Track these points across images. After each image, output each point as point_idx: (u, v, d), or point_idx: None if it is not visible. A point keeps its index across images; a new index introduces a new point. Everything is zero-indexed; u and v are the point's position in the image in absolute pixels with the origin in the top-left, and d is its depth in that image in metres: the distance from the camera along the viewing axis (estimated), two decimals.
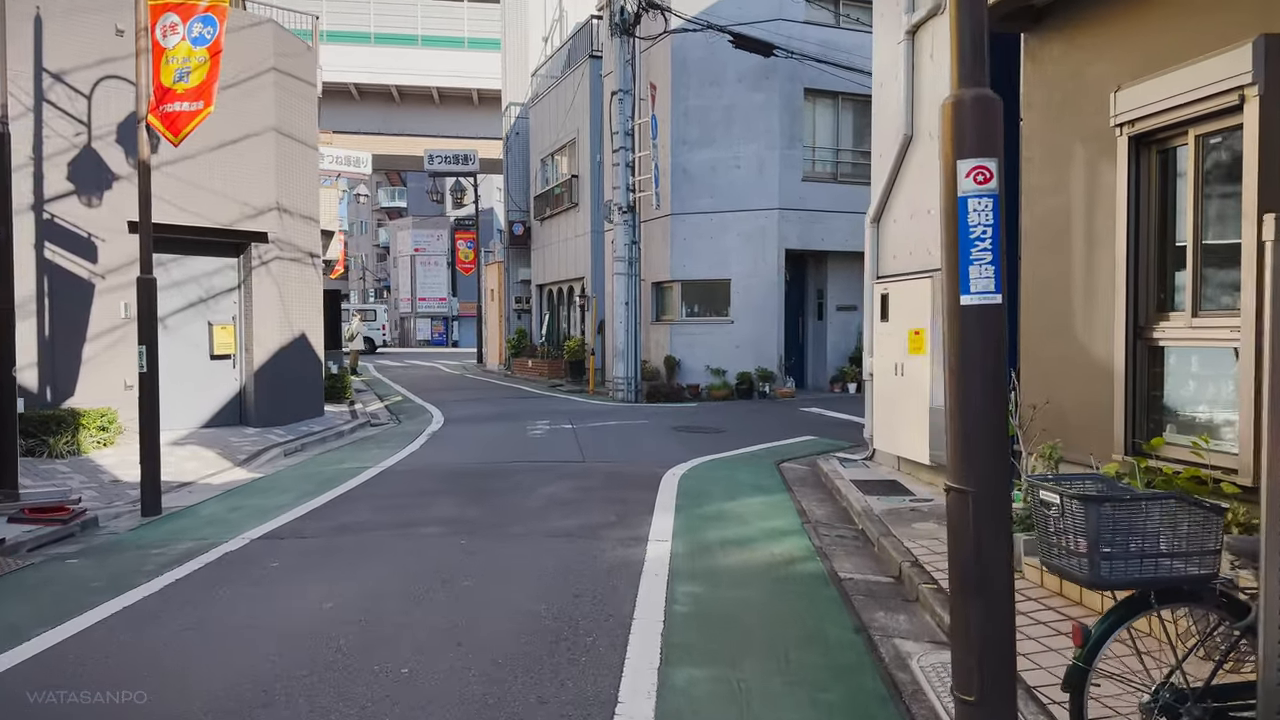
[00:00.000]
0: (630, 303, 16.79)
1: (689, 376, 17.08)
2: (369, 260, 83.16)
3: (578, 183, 21.81)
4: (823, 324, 17.96)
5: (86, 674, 4.08)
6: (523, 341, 25.44)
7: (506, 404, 16.64)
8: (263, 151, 12.31)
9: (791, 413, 14.37)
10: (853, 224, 16.91)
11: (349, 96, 41.67)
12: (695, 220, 17.05)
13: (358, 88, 41.04)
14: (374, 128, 43.21)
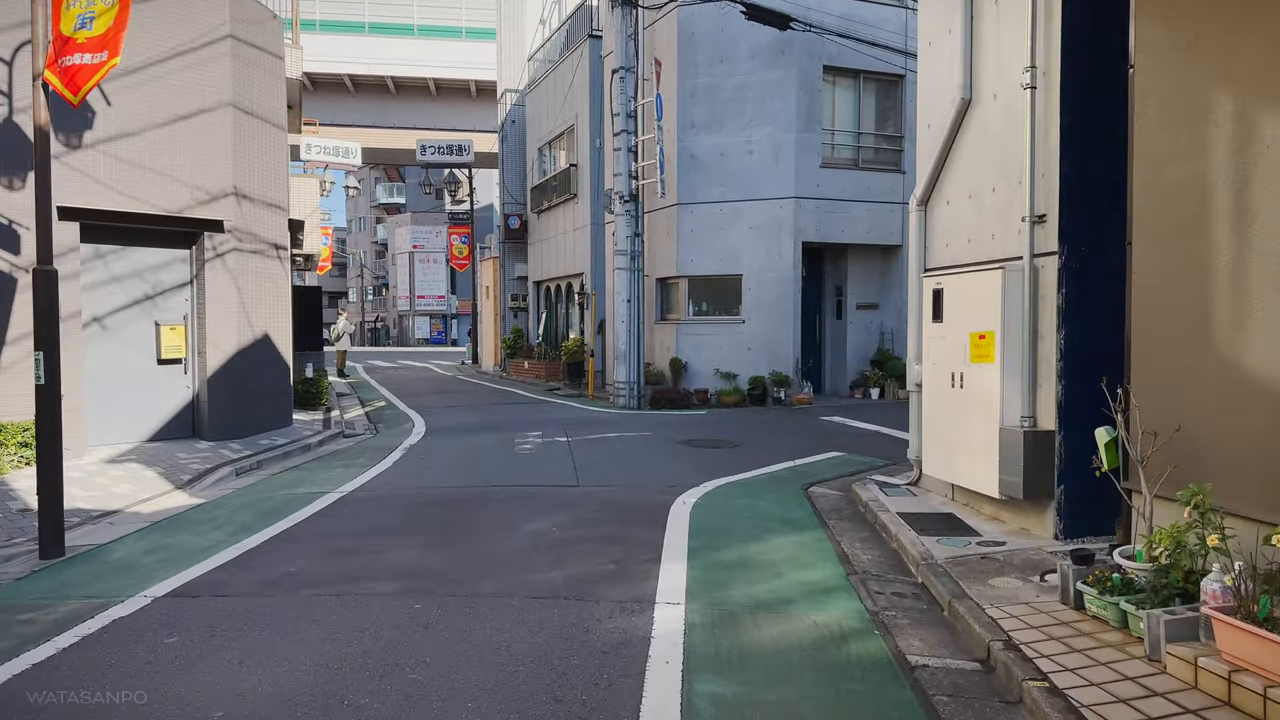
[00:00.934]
0: (632, 300, 15.38)
1: (697, 380, 15.66)
2: (367, 258, 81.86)
3: (576, 172, 20.39)
4: (842, 324, 16.53)
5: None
6: (519, 342, 24.03)
7: (497, 411, 15.23)
8: (218, 129, 10.90)
9: (811, 422, 12.94)
10: (876, 214, 15.51)
11: (343, 88, 40.35)
12: (703, 210, 15.62)
13: (352, 79, 39.72)
14: (369, 120, 41.88)
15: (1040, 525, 6.39)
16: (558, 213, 21.91)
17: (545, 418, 13.93)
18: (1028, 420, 6.36)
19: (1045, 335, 6.32)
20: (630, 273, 15.37)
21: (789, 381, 15.13)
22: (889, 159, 16.20)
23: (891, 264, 16.45)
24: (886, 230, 16.00)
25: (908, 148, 16.15)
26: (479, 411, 15.11)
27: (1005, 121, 6.76)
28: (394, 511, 7.43)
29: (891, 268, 16.46)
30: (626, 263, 15.35)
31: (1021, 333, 6.42)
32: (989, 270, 6.62)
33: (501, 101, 25.30)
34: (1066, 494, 6.20)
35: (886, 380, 15.79)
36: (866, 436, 11.53)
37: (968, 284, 6.89)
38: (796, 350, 15.35)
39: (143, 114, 10.27)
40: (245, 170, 11.31)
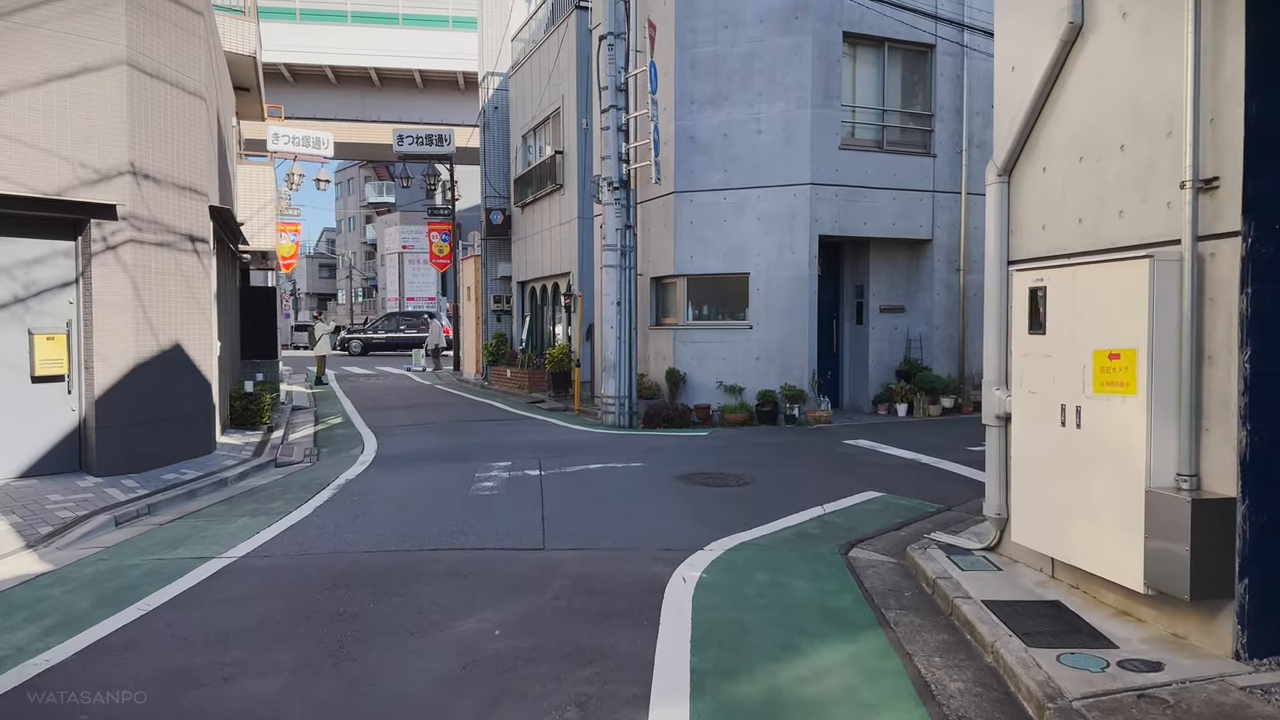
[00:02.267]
0: (623, 303, 13.32)
1: (697, 395, 13.61)
2: (357, 259, 79.79)
3: (562, 160, 18.34)
4: (863, 329, 14.48)
5: None
6: (501, 348, 21.96)
7: (465, 432, 13.16)
8: (108, 92, 8.84)
9: (834, 447, 10.89)
10: (903, 203, 13.49)
11: (324, 80, 38.38)
12: (705, 199, 13.57)
13: (334, 70, 37.76)
14: (352, 114, 39.90)
15: (1206, 635, 4.34)
16: (542, 206, 19.86)
17: (520, 441, 11.86)
18: (1189, 480, 4.32)
19: (1217, 356, 4.28)
20: (621, 271, 13.31)
21: (804, 396, 13.07)
22: (917, 140, 14.16)
23: (920, 261, 14.41)
24: (914, 222, 13.96)
25: (938, 128, 14.11)
26: (445, 432, 13.04)
27: (1140, 49, 4.72)
28: (281, 597, 5.36)
29: (920, 265, 14.41)
30: (616, 259, 13.29)
31: (1179, 352, 4.38)
32: (1128, 261, 4.56)
33: (483, 86, 23.26)
34: (1253, 593, 4.17)
35: (916, 395, 13.74)
36: (905, 468, 9.48)
37: (1090, 281, 4.84)
38: (812, 360, 13.29)
39: (7, 70, 8.22)
40: (148, 145, 9.25)
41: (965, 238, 14.23)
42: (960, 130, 14.15)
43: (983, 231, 14.23)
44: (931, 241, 14.17)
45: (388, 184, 74.27)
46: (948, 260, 14.30)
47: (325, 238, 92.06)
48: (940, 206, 14.13)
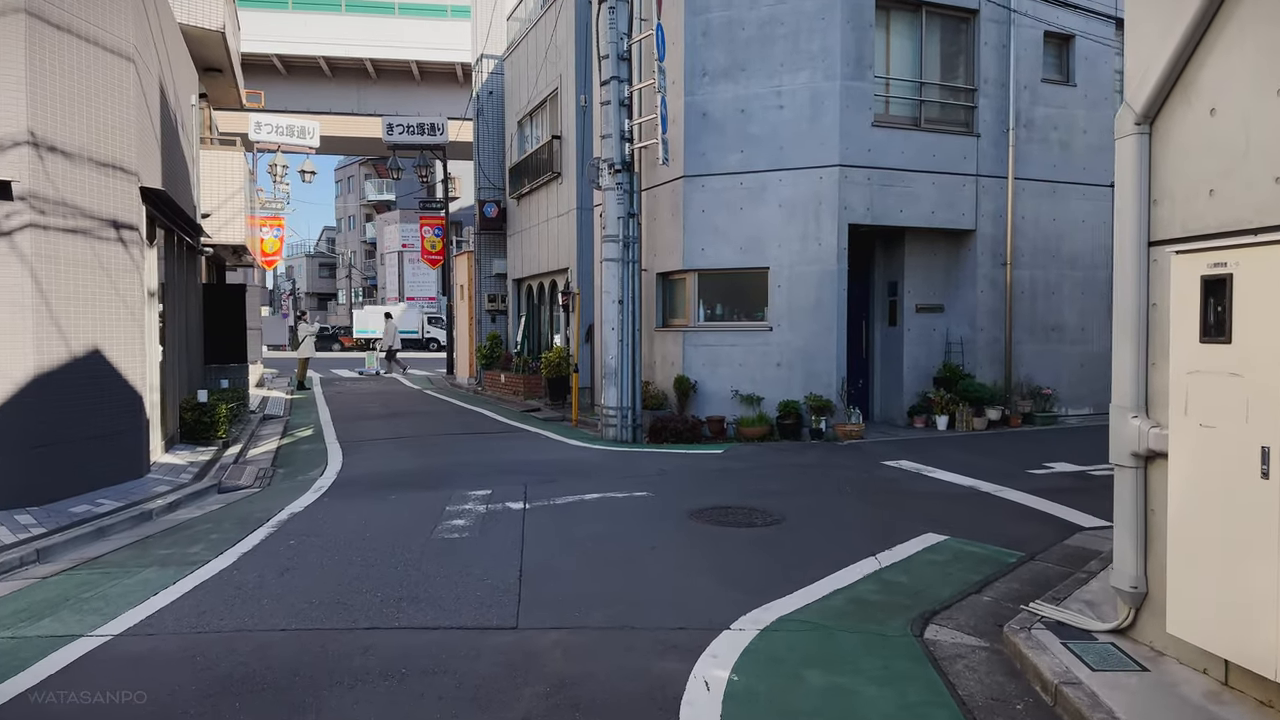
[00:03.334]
0: (625, 301, 11.74)
1: (710, 405, 12.03)
2: (357, 258, 78.38)
3: (560, 146, 16.77)
4: (897, 331, 12.88)
5: None
6: (496, 351, 20.39)
7: (446, 448, 11.59)
8: (0, 45, 7.30)
9: (873, 470, 9.30)
10: (943, 189, 11.92)
11: (318, 72, 36.97)
12: (719, 184, 11.99)
13: (328, 62, 36.35)
14: (347, 107, 38.51)
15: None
16: (539, 197, 18.29)
17: (507, 460, 10.28)
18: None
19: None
20: (623, 265, 11.73)
21: (831, 408, 11.48)
22: (959, 118, 12.56)
23: (961, 254, 12.81)
24: (956, 210, 12.35)
25: (982, 104, 12.51)
26: (423, 449, 11.46)
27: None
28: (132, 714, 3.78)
29: (961, 259, 12.81)
30: (618, 252, 11.71)
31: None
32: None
33: (477, 69, 21.69)
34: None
35: (958, 405, 12.13)
36: (962, 499, 7.89)
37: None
38: (841, 367, 11.69)
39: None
40: (55, 111, 7.70)
41: (1012, 228, 12.62)
42: (1006, 106, 12.55)
43: (1034, 222, 12.63)
44: (975, 232, 12.56)
45: (388, 181, 72.80)
46: (992, 253, 12.69)
47: (326, 236, 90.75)
48: (985, 192, 12.53)
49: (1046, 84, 12.94)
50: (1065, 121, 13.08)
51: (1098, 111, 13.31)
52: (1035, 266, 12.98)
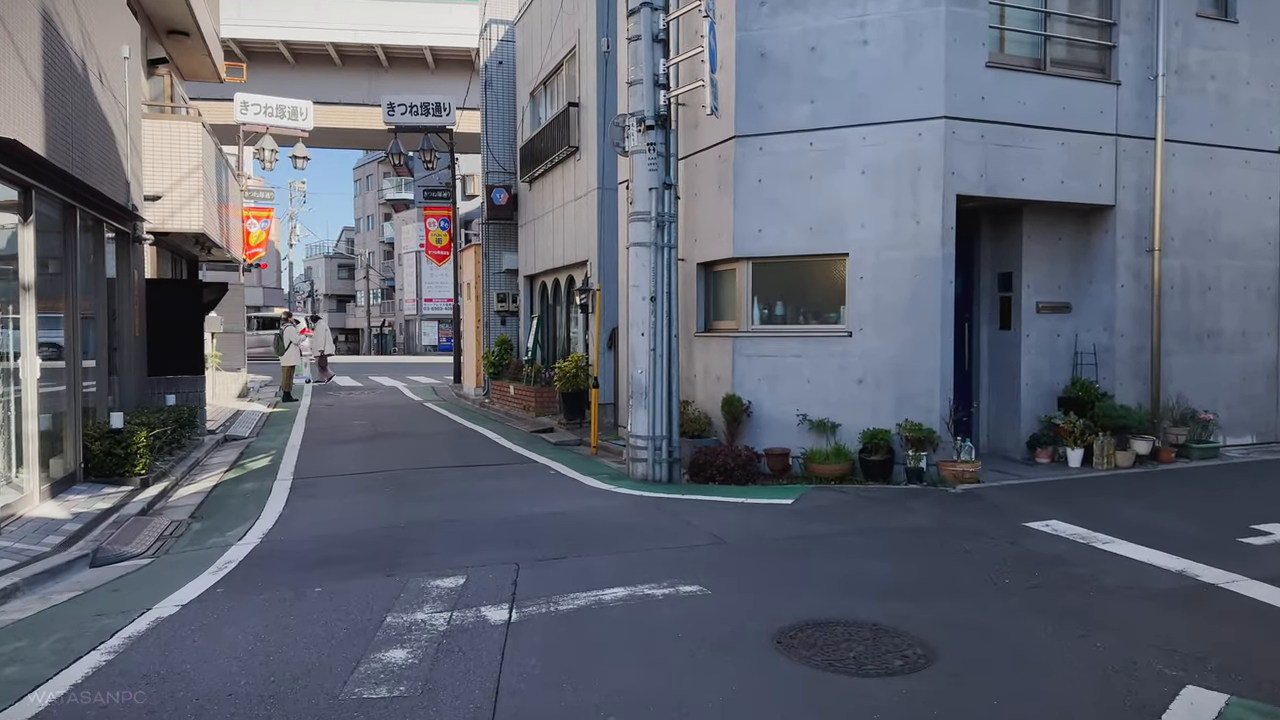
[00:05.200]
0: (659, 298, 8.97)
1: (768, 433, 9.24)
2: (375, 258, 76.21)
3: (578, 115, 14.05)
4: (1010, 337, 10.01)
5: None
6: (505, 358, 17.69)
7: (426, 491, 8.87)
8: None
9: (1018, 538, 6.47)
10: (1074, 151, 9.15)
11: (327, 60, 34.63)
12: (782, 145, 9.20)
13: (338, 49, 33.99)
14: (358, 97, 36.07)
15: None
16: (554, 178, 15.57)
17: (501, 515, 7.53)
18: None
19: None
20: (655, 251, 8.97)
21: (934, 440, 8.64)
22: (1091, 60, 9.70)
23: (1093, 237, 9.93)
24: (1091, 179, 9.49)
25: (1123, 41, 9.63)
26: (397, 492, 8.74)
27: None
28: None
29: (1093, 244, 9.93)
30: (649, 234, 8.95)
31: None
32: None
33: (485, 37, 19.01)
34: None
35: (1096, 434, 9.25)
36: (1188, 600, 5.05)
37: None
38: (947, 385, 8.85)
39: None
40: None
41: (1160, 204, 9.72)
42: (1154, 46, 9.66)
43: (1186, 196, 9.75)
44: (1114, 209, 9.67)
45: (406, 180, 70.48)
46: (1135, 236, 9.79)
47: (345, 237, 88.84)
48: (1126, 157, 9.64)
49: (1202, 20, 10.03)
50: (1225, 68, 10.16)
51: (1262, 56, 10.38)
52: (1186, 254, 10.06)
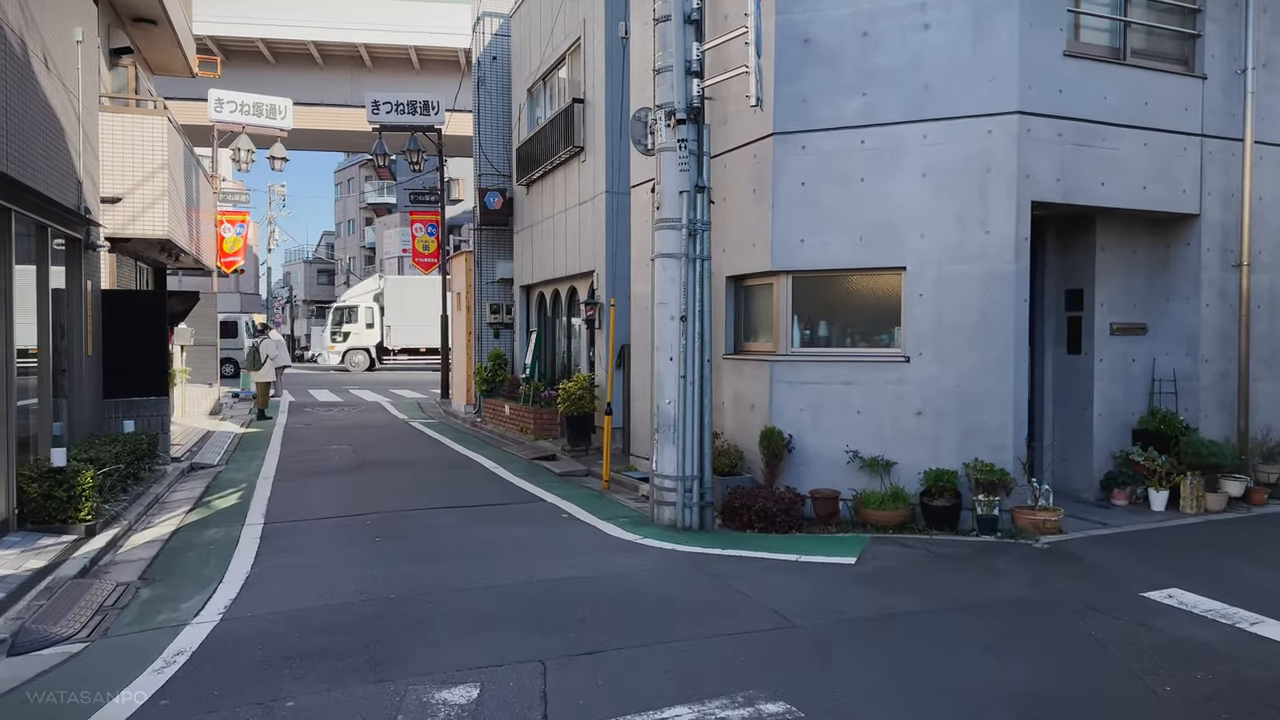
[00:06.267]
0: (691, 317, 7.80)
1: (812, 471, 8.08)
2: (356, 264, 74.58)
3: (583, 112, 12.87)
4: (1082, 362, 8.90)
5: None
6: (499, 374, 16.46)
7: (418, 543, 7.64)
8: None
9: (1147, 618, 5.33)
10: (1157, 154, 8.05)
11: (308, 60, 33.32)
12: (828, 144, 8.05)
13: (319, 48, 32.68)
14: (340, 98, 34.79)
15: None
16: (555, 181, 14.38)
17: (511, 581, 6.30)
18: None
19: None
20: (685, 263, 7.79)
21: (1008, 483, 7.49)
22: (1173, 50, 8.62)
23: (1173, 250, 8.85)
24: (1174, 184, 8.41)
25: (1209, 30, 8.56)
26: (384, 545, 7.49)
27: None
28: None
29: (1174, 257, 8.85)
30: (678, 244, 7.78)
31: None
32: None
33: (478, 30, 17.79)
34: None
35: (1183, 474, 8.14)
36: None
37: None
38: (1021, 419, 7.72)
39: None
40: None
41: (1249, 213, 8.64)
42: (1242, 35, 8.60)
43: (1274, 205, 8.70)
44: (1199, 218, 8.59)
45: (389, 184, 68.94)
46: (1221, 249, 8.72)
47: (325, 241, 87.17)
48: (1211, 160, 8.57)
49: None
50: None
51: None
52: (1276, 269, 9.00)
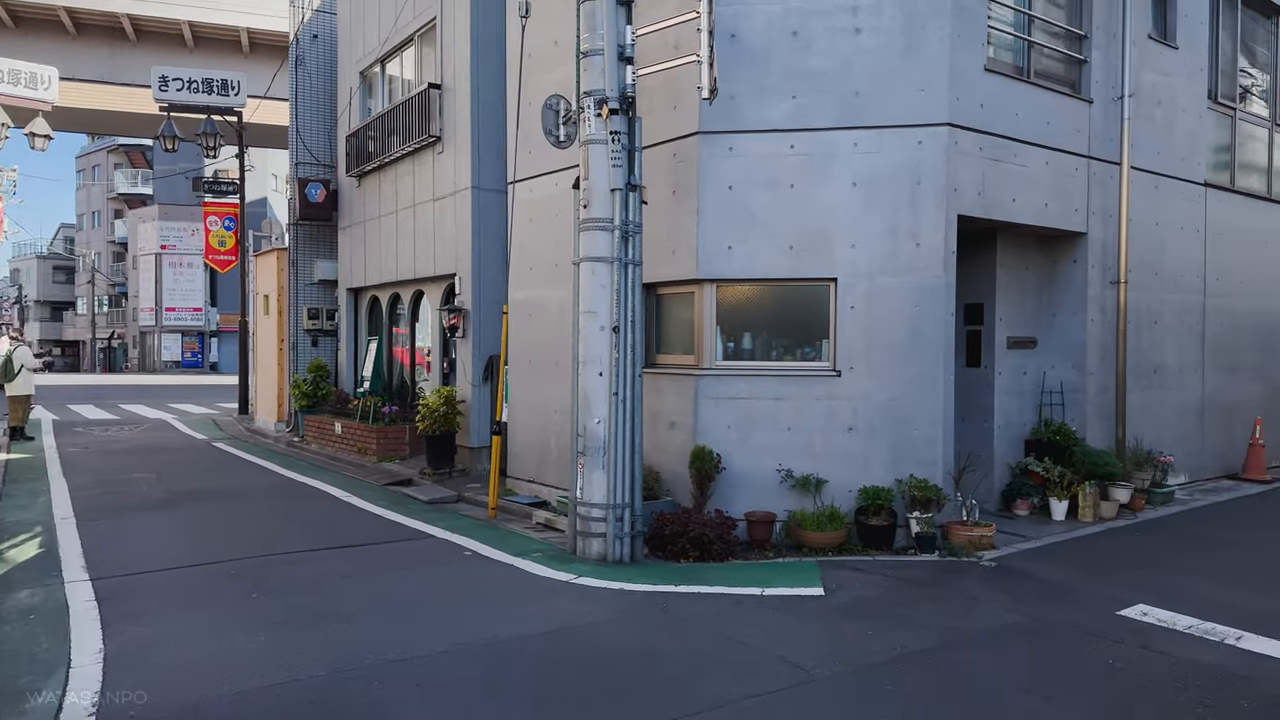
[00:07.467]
0: (623, 328, 7.06)
1: (742, 493, 7.60)
2: (102, 261, 66.51)
3: (442, 99, 11.73)
4: (981, 375, 9.02)
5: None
6: (322, 386, 14.82)
7: (309, 590, 6.42)
8: None
9: (1155, 643, 5.24)
10: (1057, 171, 8.34)
11: (58, 28, 28.96)
12: (757, 146, 7.62)
13: (71, 15, 28.48)
14: (96, 74, 30.75)
15: None
16: (400, 173, 13.06)
17: (457, 641, 5.29)
18: None
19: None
20: (620, 269, 7.05)
21: (939, 498, 7.36)
22: (1067, 74, 8.94)
23: (1060, 267, 9.18)
24: (1069, 202, 8.71)
25: (1094, 57, 8.95)
26: (269, 595, 6.16)
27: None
28: None
29: (1061, 274, 9.18)
30: (608, 246, 7.03)
31: None
32: None
33: (296, 4, 15.97)
34: None
35: (1081, 484, 8.41)
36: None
37: None
38: (949, 432, 7.63)
39: None
40: None
41: (1126, 233, 9.13)
42: (1120, 64, 9.08)
43: (1140, 226, 9.28)
44: (1086, 236, 8.96)
45: (144, 171, 62.10)
46: (1103, 268, 9.14)
47: (63, 235, 77.22)
48: (1095, 182, 8.97)
49: (1152, 42, 9.63)
50: (1168, 94, 9.83)
51: (1194, 85, 10.19)
52: (1140, 287, 9.58)
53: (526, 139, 9.26)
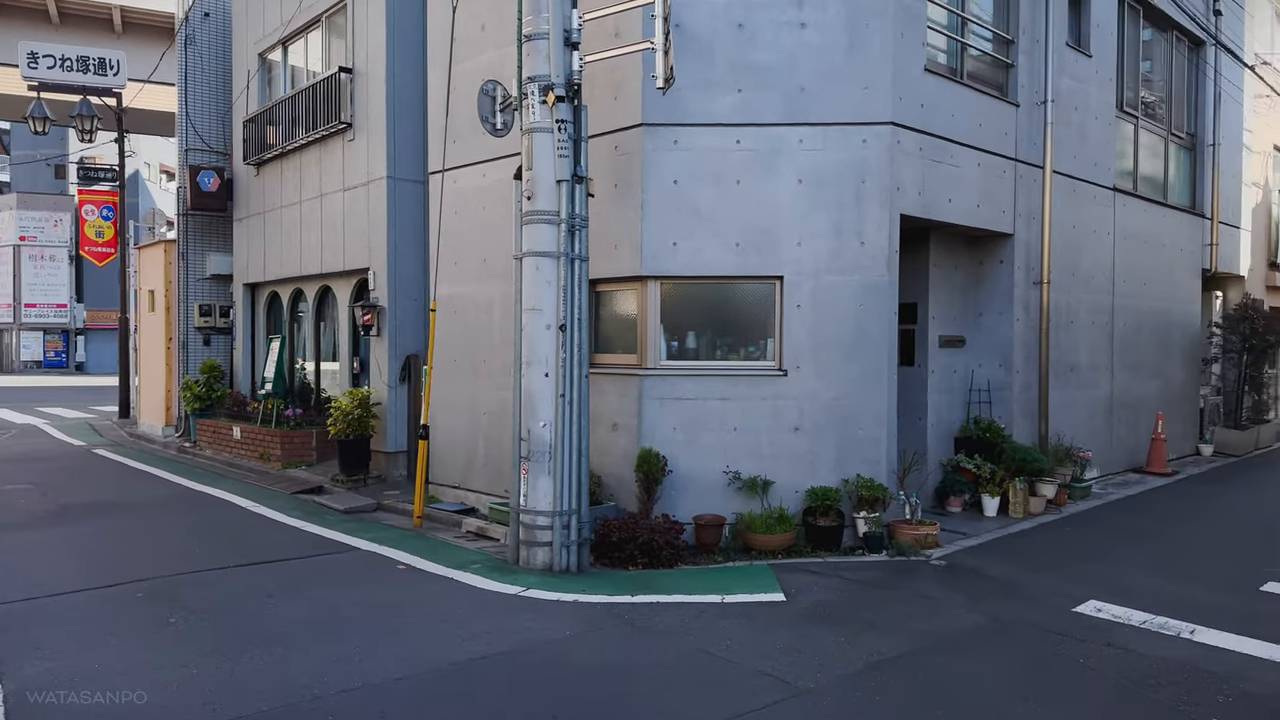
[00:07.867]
0: (570, 326, 6.74)
1: (688, 496, 7.40)
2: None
3: (354, 84, 11.10)
4: (915, 374, 9.08)
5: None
6: (215, 388, 13.90)
7: (232, 612, 5.88)
8: None
9: (1120, 641, 5.30)
10: (988, 173, 8.51)
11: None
12: (703, 140, 7.43)
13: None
14: None
15: None
16: (305, 161, 12.33)
17: (400, 667, 4.90)
18: None
19: None
20: (566, 264, 6.73)
21: (884, 497, 7.35)
22: (996, 76, 9.09)
23: (988, 268, 9.34)
24: (997, 204, 8.87)
25: (1021, 62, 9.14)
26: (190, 619, 5.58)
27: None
28: None
29: (988, 275, 9.34)
30: (553, 240, 6.70)
31: None
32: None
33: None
34: None
35: (1011, 480, 8.57)
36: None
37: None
38: (893, 432, 7.62)
39: None
40: None
41: (1049, 235, 9.36)
42: (1043, 70, 9.29)
43: (1060, 228, 9.55)
44: (1012, 237, 9.14)
45: (0, 157, 57.55)
46: (1027, 268, 9.35)
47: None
48: (1021, 184, 9.16)
49: (1069, 49, 9.91)
50: (1083, 100, 10.15)
51: (1105, 93, 10.57)
52: (1060, 288, 9.86)
53: (452, 127, 8.81)
